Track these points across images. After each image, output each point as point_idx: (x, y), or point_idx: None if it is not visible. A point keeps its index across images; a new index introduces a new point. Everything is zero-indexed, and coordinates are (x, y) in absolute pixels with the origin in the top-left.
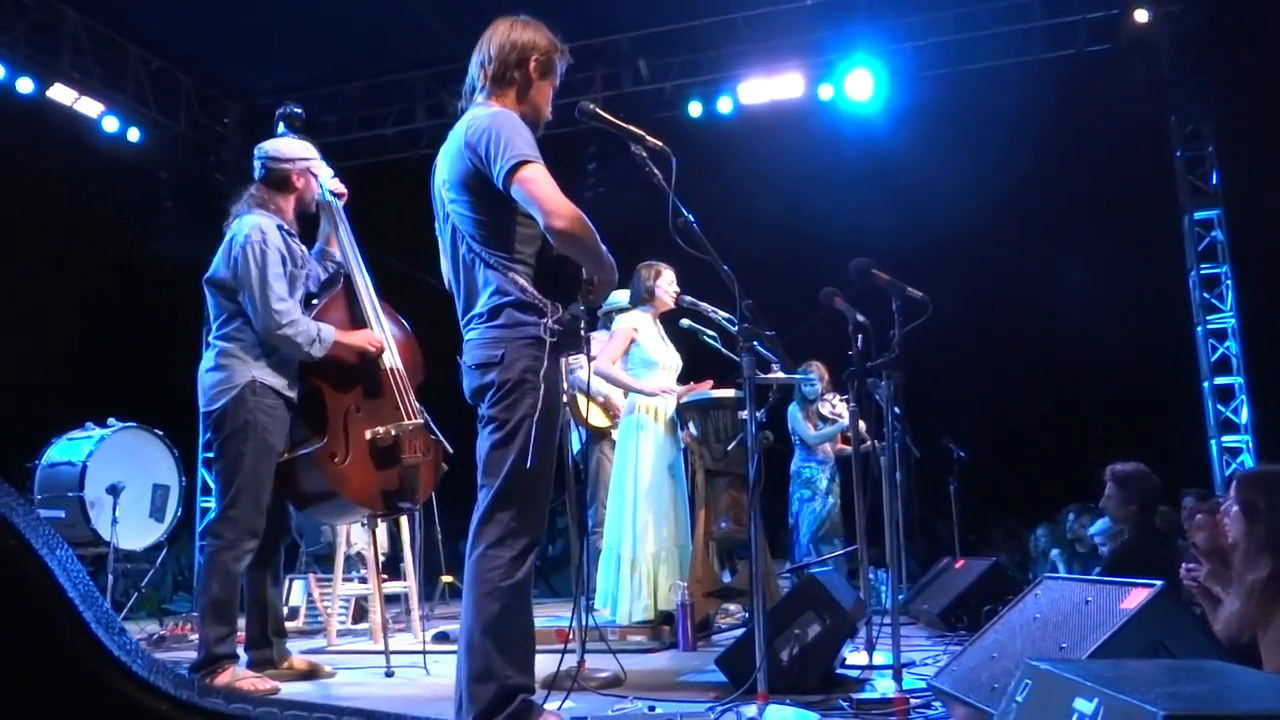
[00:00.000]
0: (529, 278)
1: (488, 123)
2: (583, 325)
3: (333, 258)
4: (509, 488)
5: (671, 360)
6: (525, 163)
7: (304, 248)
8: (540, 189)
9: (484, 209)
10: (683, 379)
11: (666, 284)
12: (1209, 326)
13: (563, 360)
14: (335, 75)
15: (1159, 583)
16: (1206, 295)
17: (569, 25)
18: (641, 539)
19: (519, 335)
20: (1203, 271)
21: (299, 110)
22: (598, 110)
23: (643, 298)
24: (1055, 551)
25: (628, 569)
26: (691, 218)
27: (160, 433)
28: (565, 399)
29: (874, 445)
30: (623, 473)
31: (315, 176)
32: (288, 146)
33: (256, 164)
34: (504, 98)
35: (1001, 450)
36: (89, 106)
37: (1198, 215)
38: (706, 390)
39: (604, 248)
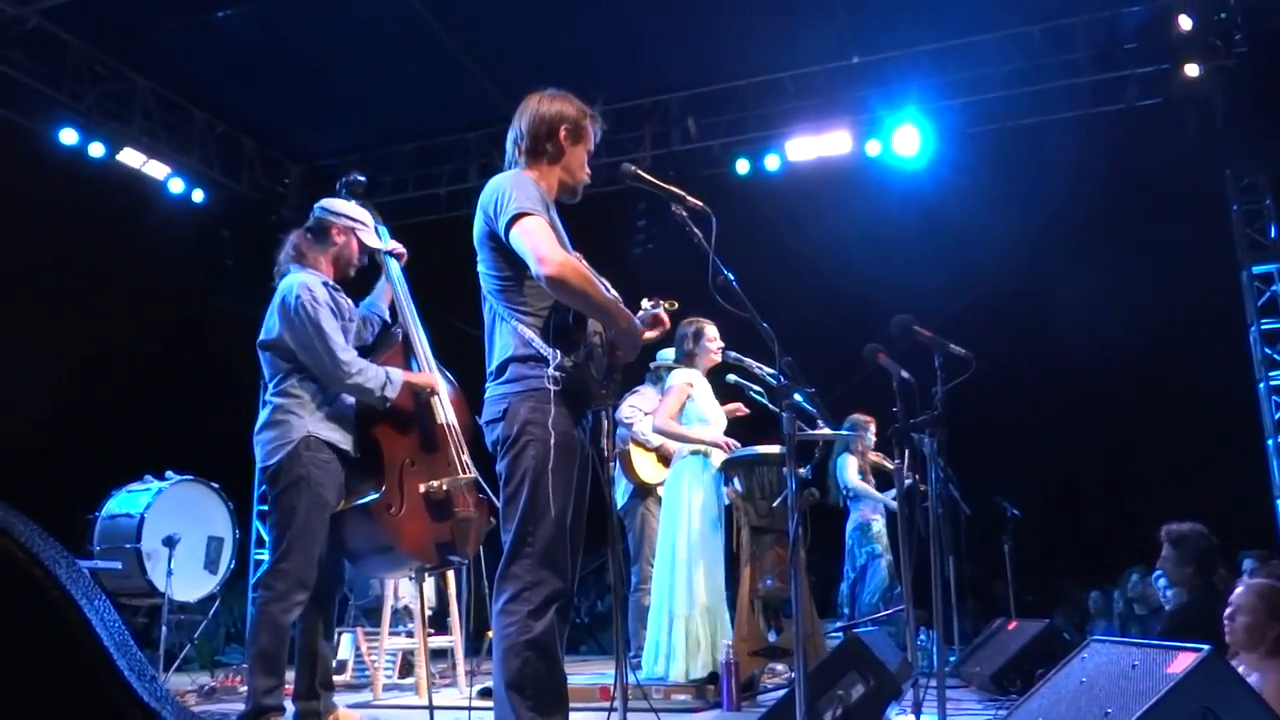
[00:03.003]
0: (537, 329)
1: (498, 184)
2: (593, 373)
3: (381, 314)
4: (520, 541)
5: (721, 417)
6: (523, 215)
7: (350, 302)
8: (532, 239)
9: (499, 265)
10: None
11: (709, 340)
12: (1271, 383)
13: (604, 413)
14: (391, 136)
15: (1207, 647)
16: (1268, 350)
17: (619, 86)
18: (694, 592)
19: (521, 388)
20: (1263, 327)
21: (362, 178)
22: (639, 172)
23: (686, 358)
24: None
25: (681, 625)
26: (731, 276)
27: (216, 485)
28: (615, 452)
29: (915, 479)
30: (674, 521)
31: (359, 240)
32: (341, 205)
33: (311, 215)
34: (536, 167)
35: (1058, 509)
36: (156, 169)
37: (1256, 269)
38: (748, 449)
39: (609, 296)
